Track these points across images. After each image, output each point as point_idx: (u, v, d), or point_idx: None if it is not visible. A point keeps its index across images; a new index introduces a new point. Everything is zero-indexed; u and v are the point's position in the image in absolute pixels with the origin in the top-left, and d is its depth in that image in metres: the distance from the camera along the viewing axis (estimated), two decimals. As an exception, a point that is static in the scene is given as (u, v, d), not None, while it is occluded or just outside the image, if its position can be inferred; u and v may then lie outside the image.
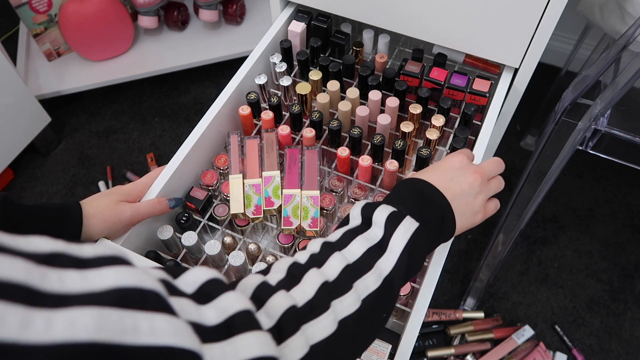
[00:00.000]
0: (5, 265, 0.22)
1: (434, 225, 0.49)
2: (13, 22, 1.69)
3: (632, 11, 0.90)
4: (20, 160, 1.45)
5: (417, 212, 0.48)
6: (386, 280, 0.43)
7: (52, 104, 1.51)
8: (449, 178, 0.53)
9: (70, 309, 0.23)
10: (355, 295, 0.41)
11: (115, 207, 0.61)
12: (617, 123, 0.70)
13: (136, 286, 0.26)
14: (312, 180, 0.70)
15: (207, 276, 0.34)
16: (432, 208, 0.50)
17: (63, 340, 0.22)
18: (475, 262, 1.28)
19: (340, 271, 0.42)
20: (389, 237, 0.45)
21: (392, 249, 0.45)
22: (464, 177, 0.53)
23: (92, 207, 0.59)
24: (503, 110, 0.83)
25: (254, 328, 0.32)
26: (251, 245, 0.68)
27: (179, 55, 1.51)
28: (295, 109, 0.75)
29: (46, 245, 0.25)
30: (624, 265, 1.28)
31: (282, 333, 0.35)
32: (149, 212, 0.64)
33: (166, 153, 1.49)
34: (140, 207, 0.63)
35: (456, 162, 0.55)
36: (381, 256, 0.44)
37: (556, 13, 0.68)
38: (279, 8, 0.87)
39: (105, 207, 0.60)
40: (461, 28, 0.76)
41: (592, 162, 1.43)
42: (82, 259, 0.26)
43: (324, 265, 0.42)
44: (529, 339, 1.16)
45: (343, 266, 0.42)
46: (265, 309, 0.36)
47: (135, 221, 0.63)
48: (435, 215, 0.50)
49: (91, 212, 0.59)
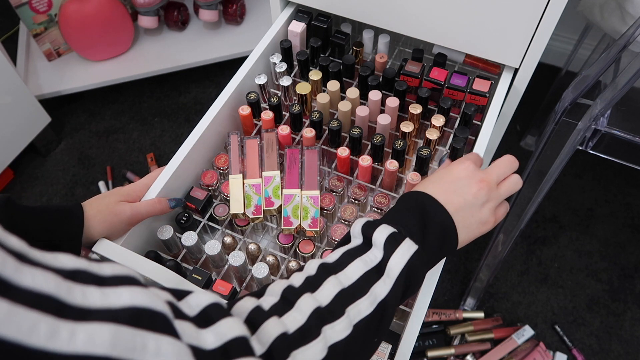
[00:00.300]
0: (39, 277, 0.25)
1: (435, 244, 0.48)
2: (13, 22, 1.69)
3: (632, 11, 0.90)
4: (20, 160, 1.45)
5: (417, 232, 0.47)
6: (380, 305, 0.43)
7: (52, 104, 1.51)
8: (453, 190, 0.51)
9: (91, 323, 0.25)
10: (347, 320, 0.41)
11: (114, 208, 0.61)
12: (617, 123, 0.70)
13: (148, 307, 0.29)
14: (312, 180, 0.70)
15: (209, 300, 0.36)
16: (433, 226, 0.48)
17: (83, 352, 0.24)
18: (475, 262, 1.28)
19: (334, 296, 0.42)
20: (387, 260, 0.45)
21: (390, 272, 0.44)
22: (468, 187, 0.51)
23: (92, 208, 0.60)
24: (503, 110, 0.83)
25: (248, 354, 0.34)
26: (251, 245, 0.68)
27: (179, 55, 1.51)
28: (295, 109, 0.75)
29: (70, 262, 0.28)
30: (624, 265, 1.28)
31: (273, 359, 0.36)
32: (148, 211, 0.64)
33: (166, 153, 1.49)
34: (139, 206, 0.63)
35: (461, 171, 0.53)
36: (378, 280, 0.44)
37: (556, 13, 0.68)
38: (279, 8, 0.87)
39: (105, 207, 0.60)
40: (461, 28, 0.76)
41: (592, 162, 1.43)
42: (102, 277, 0.29)
43: (318, 290, 0.42)
44: (529, 339, 1.16)
45: (337, 291, 0.42)
46: (257, 335, 0.37)
47: (135, 221, 0.63)
48: (437, 234, 0.48)
49: (92, 213, 0.59)
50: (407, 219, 0.48)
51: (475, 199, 0.50)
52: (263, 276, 0.63)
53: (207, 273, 0.63)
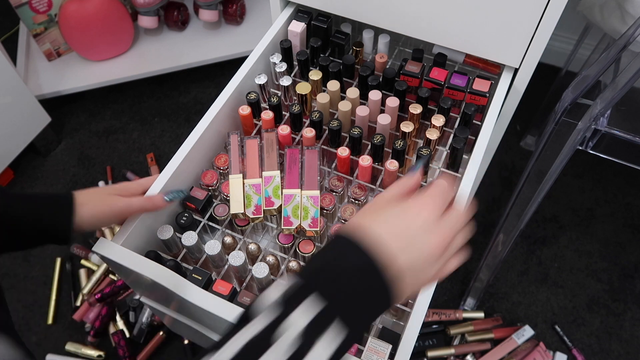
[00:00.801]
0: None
1: (361, 315, 0.39)
2: (13, 22, 1.69)
3: (632, 11, 0.90)
4: (20, 160, 1.45)
5: (344, 309, 0.38)
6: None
7: (52, 104, 1.51)
8: (408, 240, 0.40)
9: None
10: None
11: (107, 199, 0.61)
12: (617, 123, 0.70)
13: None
14: (312, 180, 0.70)
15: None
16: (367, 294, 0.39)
17: None
18: (475, 262, 1.28)
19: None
20: None
21: None
22: (427, 240, 0.41)
23: (84, 196, 0.59)
24: (503, 110, 0.83)
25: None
26: (251, 245, 0.68)
27: (179, 55, 1.51)
28: (295, 109, 0.75)
29: None
30: (624, 265, 1.28)
31: None
32: (141, 205, 0.63)
33: (166, 153, 1.49)
34: (132, 200, 0.62)
35: (422, 217, 0.42)
36: None
37: (556, 13, 0.68)
38: (279, 8, 0.87)
39: (97, 197, 0.60)
40: (461, 28, 0.76)
41: (592, 162, 1.43)
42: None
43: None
44: (529, 339, 1.16)
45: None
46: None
47: (126, 213, 0.63)
48: (368, 302, 0.39)
49: (82, 200, 0.59)
50: (334, 285, 0.38)
51: (431, 256, 0.41)
52: (263, 276, 0.63)
53: (207, 273, 0.63)
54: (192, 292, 0.59)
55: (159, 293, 0.71)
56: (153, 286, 0.62)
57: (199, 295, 0.59)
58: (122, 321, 1.17)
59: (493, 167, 1.43)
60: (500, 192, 1.40)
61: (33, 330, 1.19)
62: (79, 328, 1.18)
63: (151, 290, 0.72)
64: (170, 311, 0.76)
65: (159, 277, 0.59)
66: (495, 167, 1.43)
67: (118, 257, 0.61)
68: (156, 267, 0.60)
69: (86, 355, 1.14)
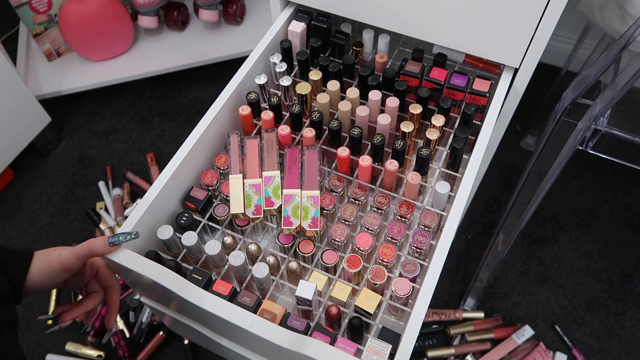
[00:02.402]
0: None
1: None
2: (13, 22, 1.69)
3: (632, 11, 0.90)
4: (20, 160, 1.45)
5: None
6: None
7: (52, 104, 1.51)
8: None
9: None
10: None
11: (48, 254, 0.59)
12: (617, 123, 0.70)
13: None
14: (312, 180, 0.70)
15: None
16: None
17: None
18: (475, 262, 1.28)
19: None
20: None
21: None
22: None
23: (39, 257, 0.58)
24: (503, 110, 0.83)
25: None
26: (251, 245, 0.68)
27: (179, 55, 1.51)
28: (295, 109, 0.75)
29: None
30: (624, 265, 1.28)
31: None
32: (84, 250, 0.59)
33: (166, 153, 1.49)
34: (74, 248, 0.59)
35: None
36: None
37: (556, 13, 0.68)
38: (279, 8, 0.87)
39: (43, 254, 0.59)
40: (461, 28, 0.76)
41: (592, 162, 1.43)
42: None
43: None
44: (529, 339, 1.16)
45: None
46: None
47: (69, 264, 0.59)
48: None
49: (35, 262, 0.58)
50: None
51: None
52: (263, 276, 0.63)
53: (207, 273, 0.63)
54: (192, 292, 0.59)
55: (159, 293, 0.71)
56: (153, 286, 0.62)
57: (199, 295, 0.59)
58: (122, 321, 1.17)
59: (493, 167, 1.43)
60: (500, 192, 1.40)
61: (33, 330, 1.19)
62: (78, 328, 1.18)
63: (151, 290, 0.72)
64: (170, 311, 0.76)
65: (159, 277, 0.59)
66: (495, 167, 1.43)
67: (118, 257, 0.61)
68: (156, 267, 0.60)
69: (86, 355, 1.14)
